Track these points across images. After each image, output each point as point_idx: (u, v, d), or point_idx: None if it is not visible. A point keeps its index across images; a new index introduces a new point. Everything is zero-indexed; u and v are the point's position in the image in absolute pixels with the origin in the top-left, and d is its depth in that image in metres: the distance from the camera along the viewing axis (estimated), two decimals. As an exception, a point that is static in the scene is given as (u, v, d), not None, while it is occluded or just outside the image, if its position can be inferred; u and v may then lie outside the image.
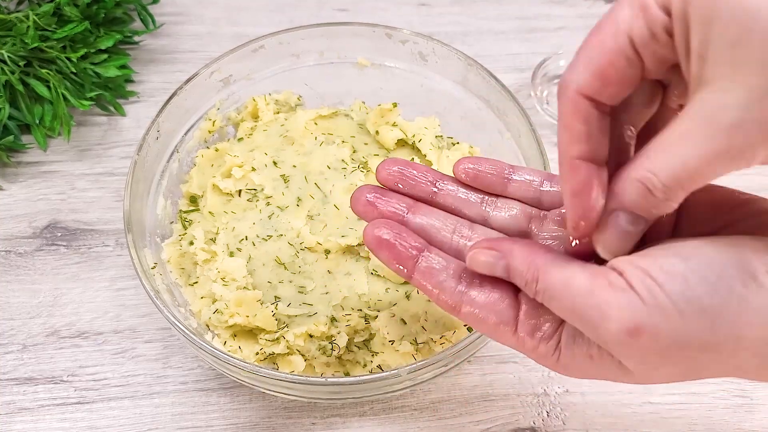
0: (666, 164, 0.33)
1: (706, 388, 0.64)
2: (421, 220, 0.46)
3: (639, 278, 0.35)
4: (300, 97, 0.71)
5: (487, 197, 0.47)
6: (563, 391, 0.64)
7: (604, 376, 0.39)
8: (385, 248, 0.43)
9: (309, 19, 0.72)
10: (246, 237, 0.60)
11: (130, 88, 0.80)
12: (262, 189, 0.62)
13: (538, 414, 0.63)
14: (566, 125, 0.35)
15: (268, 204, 0.61)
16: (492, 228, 0.46)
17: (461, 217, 0.47)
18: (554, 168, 0.76)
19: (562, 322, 0.39)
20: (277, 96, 0.70)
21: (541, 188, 0.47)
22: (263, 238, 0.60)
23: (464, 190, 0.47)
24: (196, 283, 0.60)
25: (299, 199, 0.61)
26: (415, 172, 0.47)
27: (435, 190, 0.47)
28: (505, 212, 0.46)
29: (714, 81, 0.31)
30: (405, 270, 0.43)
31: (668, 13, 0.32)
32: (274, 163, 0.62)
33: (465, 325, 0.57)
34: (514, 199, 0.47)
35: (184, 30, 0.85)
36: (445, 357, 0.52)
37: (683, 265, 0.34)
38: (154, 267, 0.59)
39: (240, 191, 0.62)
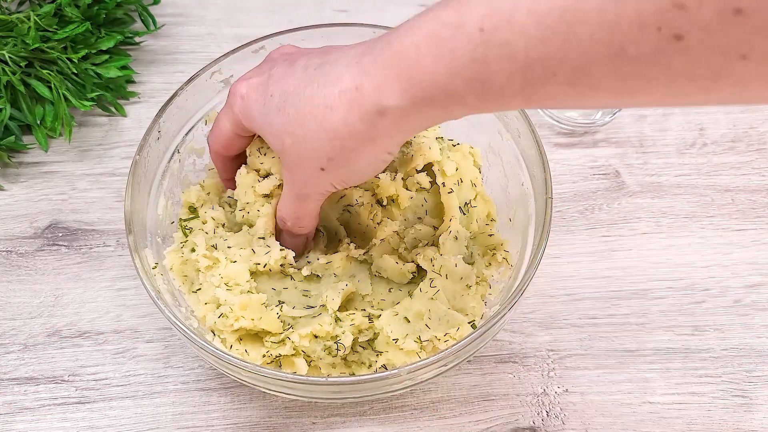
0: (282, 212, 0.57)
1: (705, 388, 0.64)
2: None
3: None
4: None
5: None
6: (563, 390, 0.64)
7: None
8: None
9: (309, 20, 0.72)
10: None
11: (130, 88, 0.81)
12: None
13: (538, 414, 0.63)
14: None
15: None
16: None
17: None
18: (554, 168, 0.76)
19: None
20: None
21: None
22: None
23: None
24: (199, 290, 0.60)
25: None
26: None
27: None
28: None
29: None
30: None
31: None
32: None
33: (469, 323, 0.57)
34: None
35: (184, 31, 0.85)
36: (444, 357, 0.52)
37: None
38: (155, 267, 0.59)
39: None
